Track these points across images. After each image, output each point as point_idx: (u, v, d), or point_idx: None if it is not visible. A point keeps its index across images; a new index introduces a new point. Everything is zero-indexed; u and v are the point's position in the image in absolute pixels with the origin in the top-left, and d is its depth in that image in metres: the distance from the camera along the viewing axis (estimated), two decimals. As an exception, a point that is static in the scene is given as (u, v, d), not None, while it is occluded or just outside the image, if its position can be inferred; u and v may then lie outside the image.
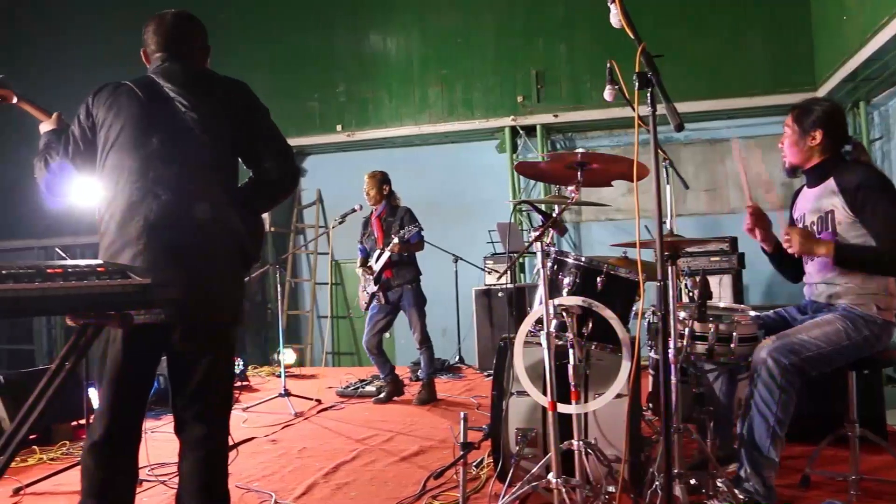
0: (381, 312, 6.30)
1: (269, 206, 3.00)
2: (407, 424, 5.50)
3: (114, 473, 2.66)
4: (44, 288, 1.99)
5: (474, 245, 8.80)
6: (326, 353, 10.59)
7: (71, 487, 4.18)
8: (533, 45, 9.83)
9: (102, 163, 2.67)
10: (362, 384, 6.93)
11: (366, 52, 10.57)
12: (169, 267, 2.51)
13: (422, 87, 10.31)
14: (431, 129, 10.13)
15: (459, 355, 8.51)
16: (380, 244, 6.23)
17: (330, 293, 10.70)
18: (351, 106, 10.48)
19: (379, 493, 3.95)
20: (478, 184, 9.96)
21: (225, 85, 2.82)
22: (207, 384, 2.69)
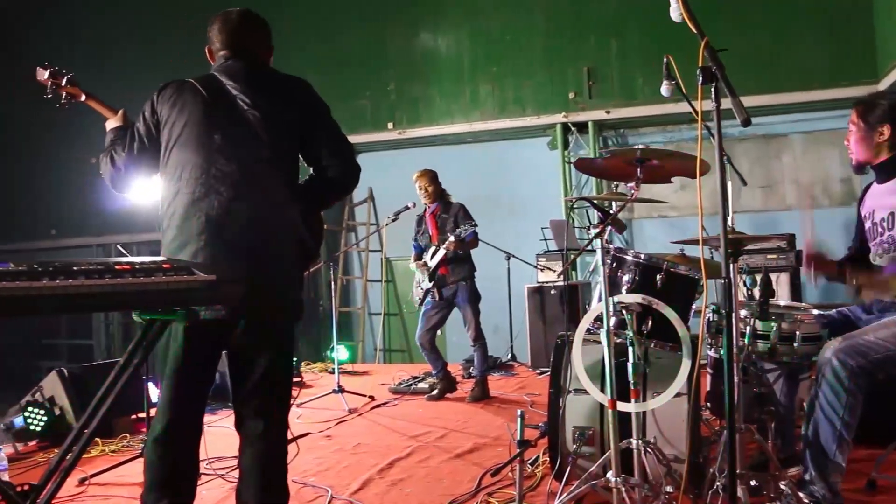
0: (434, 309, 6.32)
1: (328, 203, 3.03)
2: (460, 421, 5.51)
3: (176, 467, 2.72)
4: (113, 284, 2.03)
5: (526, 242, 8.77)
6: (378, 349, 10.65)
7: (132, 479, 4.27)
8: (584, 41, 9.74)
9: (165, 160, 2.71)
10: (415, 381, 6.95)
11: (416, 50, 10.60)
12: (229, 263, 2.55)
13: (472, 84, 10.30)
14: (483, 126, 10.12)
15: (511, 353, 8.48)
16: (434, 241, 6.25)
17: (381, 290, 10.75)
18: (402, 104, 10.51)
19: (434, 489, 3.96)
20: (529, 181, 9.91)
21: (287, 83, 2.85)
22: (267, 380, 2.73)
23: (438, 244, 6.17)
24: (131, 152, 2.77)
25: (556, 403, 3.59)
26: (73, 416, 5.26)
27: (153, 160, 2.77)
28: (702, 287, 3.29)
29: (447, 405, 6.21)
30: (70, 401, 5.28)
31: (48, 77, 3.16)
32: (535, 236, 8.79)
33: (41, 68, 3.17)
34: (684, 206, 9.00)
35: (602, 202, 3.35)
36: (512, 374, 7.74)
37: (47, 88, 3.18)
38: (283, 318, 2.77)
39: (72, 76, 3.18)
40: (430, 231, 6.31)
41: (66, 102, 3.22)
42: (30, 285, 1.91)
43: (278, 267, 2.70)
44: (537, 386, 6.89)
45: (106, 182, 2.86)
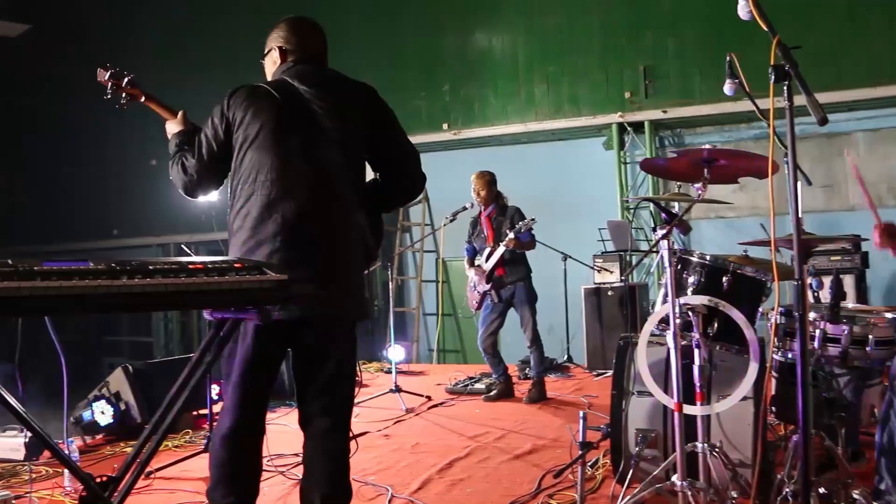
0: (494, 312, 6.31)
1: (393, 207, 3.06)
2: (518, 422, 5.49)
3: (241, 463, 2.76)
4: (188, 283, 2.08)
5: (582, 243, 8.69)
6: (431, 350, 10.68)
7: (196, 474, 4.36)
8: (640, 39, 9.63)
9: (238, 162, 2.73)
10: (471, 381, 6.95)
11: (471, 50, 10.61)
12: (303, 264, 2.57)
13: (528, 84, 10.27)
14: (538, 126, 10.08)
15: (568, 354, 8.43)
16: (490, 242, 6.24)
17: (436, 291, 10.78)
18: (456, 104, 10.53)
19: (494, 490, 3.96)
20: (585, 181, 9.84)
21: (355, 88, 2.88)
22: (335, 379, 2.76)
23: (495, 245, 6.16)
24: (201, 158, 2.79)
25: (618, 405, 3.56)
26: (138, 411, 5.37)
27: (224, 165, 2.80)
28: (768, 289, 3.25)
29: (504, 406, 6.20)
30: (135, 396, 5.40)
31: (109, 78, 3.20)
32: (591, 237, 8.71)
33: (102, 69, 3.22)
34: (742, 207, 8.84)
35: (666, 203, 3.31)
36: (568, 375, 7.70)
37: (107, 89, 3.23)
38: (352, 319, 2.80)
39: (132, 77, 3.23)
40: (485, 233, 6.31)
41: (125, 103, 3.26)
42: (110, 283, 1.96)
43: (348, 268, 2.74)
44: (594, 388, 6.84)
45: (178, 189, 2.90)
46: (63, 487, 4.15)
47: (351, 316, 2.80)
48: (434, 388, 6.96)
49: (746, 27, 2.32)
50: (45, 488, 4.15)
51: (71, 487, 4.13)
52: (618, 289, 7.84)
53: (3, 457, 4.79)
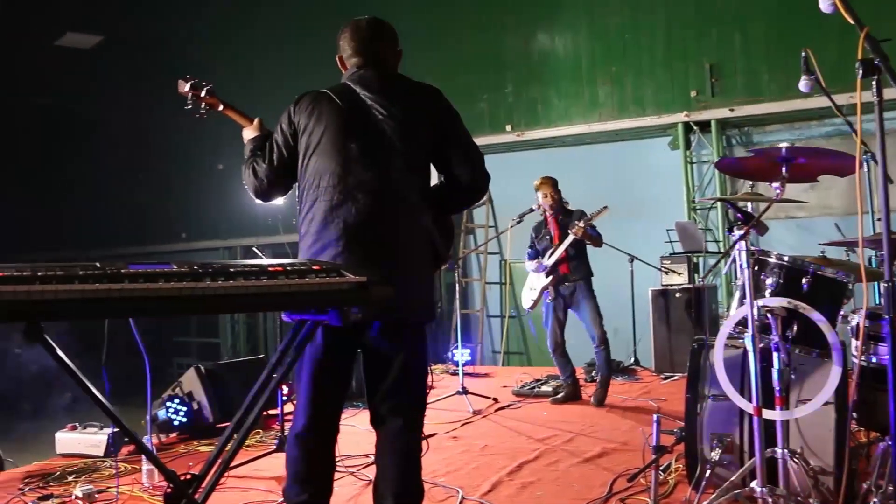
0: (556, 311, 6.27)
1: (459, 209, 3.07)
2: (586, 425, 5.44)
3: (315, 463, 2.80)
4: (269, 285, 2.11)
5: (647, 244, 8.57)
6: (496, 352, 10.67)
7: (267, 473, 4.41)
8: (706, 37, 9.47)
9: (304, 168, 2.79)
10: (538, 384, 6.91)
11: (534, 51, 10.57)
12: (367, 267, 2.59)
13: (591, 85, 10.19)
14: (601, 127, 9.99)
15: (635, 357, 8.32)
16: (556, 241, 6.20)
17: (500, 293, 10.76)
18: (520, 106, 10.50)
19: (565, 493, 3.93)
20: (650, 182, 9.71)
21: (419, 90, 2.89)
22: (404, 379, 2.78)
23: (560, 242, 6.13)
24: (272, 163, 2.86)
25: (693, 409, 3.50)
26: (210, 411, 5.49)
27: (292, 169, 2.85)
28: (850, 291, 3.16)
29: (571, 408, 6.15)
30: (207, 396, 5.51)
31: (189, 89, 3.28)
32: (657, 239, 8.58)
33: (182, 80, 3.30)
34: (813, 207, 8.61)
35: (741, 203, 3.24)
36: (635, 378, 7.59)
37: (188, 99, 3.31)
38: (420, 320, 2.82)
39: (210, 87, 3.30)
40: (552, 233, 6.26)
41: (204, 112, 3.34)
42: (194, 286, 2.00)
43: (413, 270, 2.75)
44: (662, 391, 6.75)
45: (250, 193, 2.96)
46: (141, 483, 4.25)
47: (417, 317, 2.81)
48: (500, 391, 6.94)
49: (816, 21, 2.26)
50: (124, 484, 4.25)
51: (149, 484, 4.23)
52: (685, 291, 7.71)
53: (84, 452, 4.95)
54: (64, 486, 4.33)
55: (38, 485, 4.35)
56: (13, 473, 4.62)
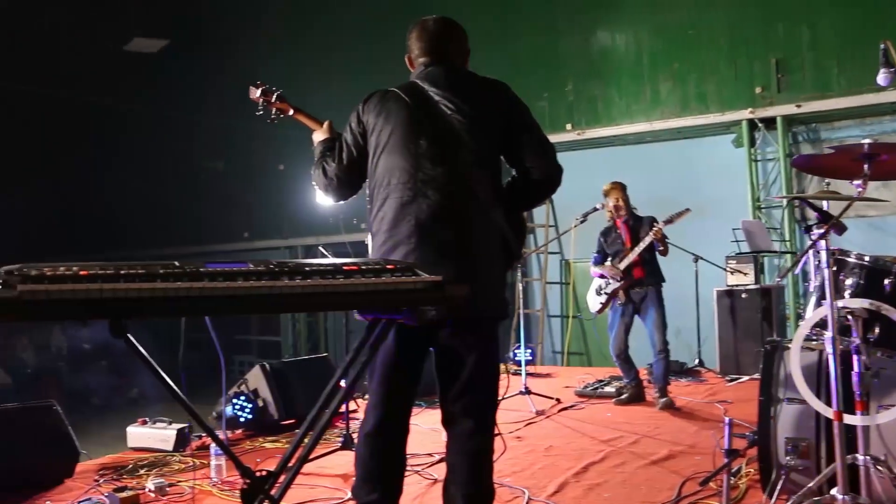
0: (625, 315, 6.20)
1: (531, 205, 3.04)
2: (652, 427, 5.36)
3: (384, 462, 2.80)
4: (345, 284, 2.12)
5: (711, 244, 8.39)
6: (556, 352, 10.59)
7: (332, 470, 4.45)
8: (772, 31, 9.22)
9: (373, 166, 2.80)
10: (601, 384, 6.84)
11: (594, 49, 10.46)
12: (439, 265, 2.59)
13: (653, 82, 10.03)
14: (663, 125, 9.84)
15: (699, 358, 8.17)
16: (628, 245, 6.13)
17: (560, 293, 10.68)
18: (580, 104, 10.41)
19: (632, 496, 3.88)
20: (713, 180, 9.51)
21: (487, 86, 2.88)
22: (476, 378, 2.77)
23: (632, 246, 6.06)
24: (341, 163, 2.87)
25: (766, 412, 3.41)
26: (275, 408, 5.56)
27: (363, 168, 2.86)
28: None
29: (635, 410, 6.07)
30: (272, 393, 5.59)
31: (260, 95, 3.33)
32: (720, 238, 8.40)
33: (253, 87, 3.34)
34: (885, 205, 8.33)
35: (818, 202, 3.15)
36: (700, 380, 7.46)
37: (259, 105, 3.36)
38: (492, 318, 2.80)
39: (281, 92, 3.34)
40: (623, 237, 6.18)
41: (275, 117, 3.39)
42: (272, 284, 2.03)
43: (485, 268, 2.73)
44: (728, 393, 6.62)
45: (321, 193, 2.98)
46: (210, 478, 4.32)
47: (490, 316, 2.80)
48: (562, 391, 6.89)
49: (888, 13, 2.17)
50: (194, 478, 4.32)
51: (217, 479, 4.30)
52: (752, 291, 7.55)
53: (154, 447, 5.06)
54: (136, 478, 4.43)
55: (112, 477, 4.47)
56: (88, 465, 4.74)
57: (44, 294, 1.87)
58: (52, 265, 1.98)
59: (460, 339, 2.73)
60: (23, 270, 1.92)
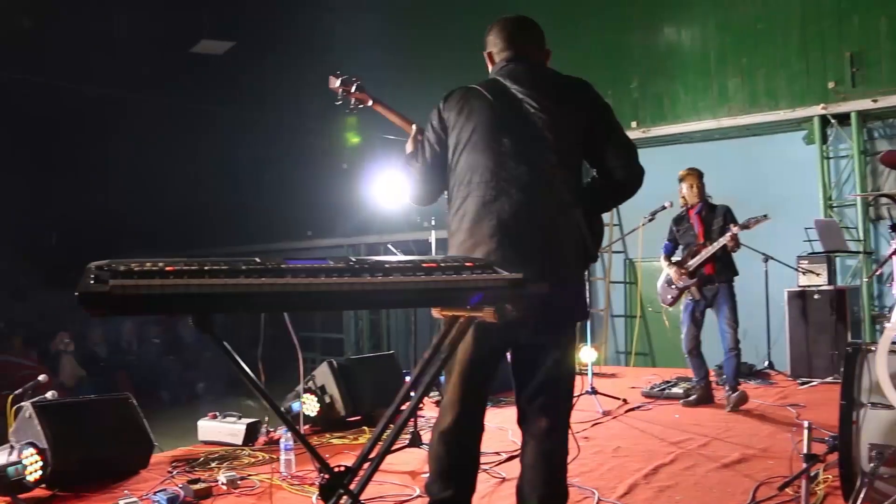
0: (695, 312, 6.09)
1: (611, 206, 3.00)
2: (722, 430, 5.26)
3: (459, 459, 2.80)
4: (426, 281, 2.11)
5: (782, 243, 8.18)
6: (620, 352, 10.48)
7: (399, 467, 4.46)
8: (846, 24, 8.96)
9: (454, 164, 2.78)
10: (668, 385, 6.74)
11: (660, 45, 10.33)
12: (520, 264, 2.57)
13: (720, 78, 9.85)
14: (731, 122, 9.66)
15: (769, 360, 7.99)
16: (700, 239, 6.02)
17: (624, 292, 10.56)
18: (645, 101, 10.28)
19: (705, 499, 3.81)
20: (783, 179, 9.29)
21: (570, 84, 2.85)
22: (553, 378, 2.75)
23: (706, 241, 5.95)
24: (425, 162, 2.86)
25: (848, 417, 3.31)
26: (342, 404, 5.60)
27: (445, 166, 2.84)
28: None
29: (704, 412, 5.96)
30: (339, 390, 5.63)
31: (339, 85, 3.36)
32: (791, 237, 8.19)
33: (333, 77, 3.38)
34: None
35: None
36: (769, 382, 7.30)
37: (338, 95, 3.38)
38: (571, 318, 2.78)
39: (360, 83, 3.36)
40: (695, 229, 6.08)
41: (354, 108, 3.41)
42: (354, 281, 2.04)
43: (565, 268, 2.71)
44: (800, 396, 6.47)
45: (407, 195, 2.98)
46: (279, 472, 4.38)
47: (570, 316, 2.78)
48: (628, 391, 6.81)
49: None
50: (263, 472, 4.39)
51: (287, 473, 4.36)
52: (825, 292, 7.35)
53: (224, 440, 5.15)
54: (208, 471, 4.50)
55: (184, 469, 4.55)
56: (161, 457, 4.84)
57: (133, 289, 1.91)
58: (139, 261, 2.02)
59: (539, 338, 2.71)
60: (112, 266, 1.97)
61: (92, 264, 1.96)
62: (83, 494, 4.05)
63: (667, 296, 6.29)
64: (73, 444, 4.20)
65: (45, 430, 4.12)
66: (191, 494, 3.92)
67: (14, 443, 4.13)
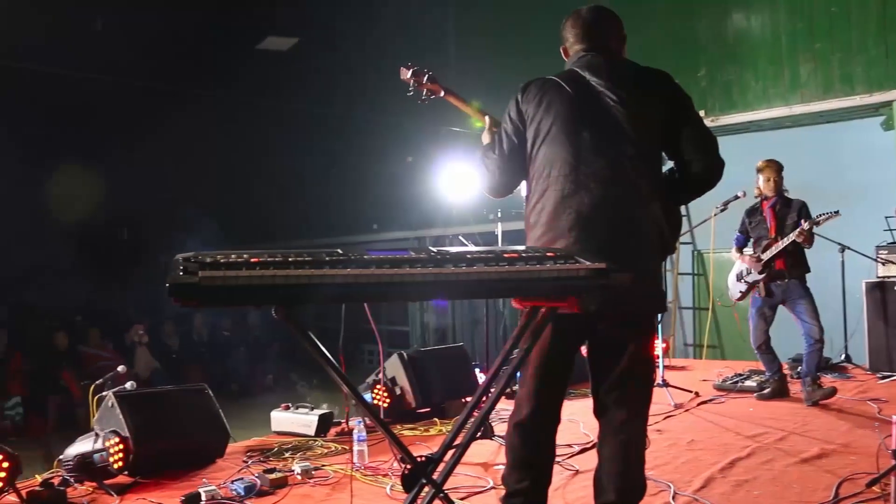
0: (765, 307, 5.95)
1: (690, 198, 2.96)
2: (799, 424, 5.13)
3: (537, 452, 2.81)
4: (509, 272, 2.11)
5: (859, 233, 7.91)
6: (688, 344, 10.31)
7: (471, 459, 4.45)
8: (931, 3, 8.63)
9: (532, 157, 2.76)
10: (741, 378, 6.60)
11: (728, 32, 10.06)
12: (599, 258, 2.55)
13: (792, 64, 9.55)
14: (804, 109, 9.35)
15: (846, 353, 7.76)
16: (772, 233, 5.88)
17: (692, 284, 10.38)
18: (713, 90, 10.05)
19: (784, 495, 3.73)
20: (860, 166, 8.97)
21: (649, 76, 2.82)
22: (631, 370, 2.73)
23: (778, 236, 5.81)
24: (502, 154, 2.84)
25: (938, 411, 3.20)
26: (412, 396, 5.64)
27: (522, 159, 2.82)
28: None
29: (779, 406, 5.83)
30: (409, 381, 5.67)
31: (411, 76, 3.38)
32: (869, 227, 7.94)
33: (404, 68, 3.40)
34: None
35: None
36: (846, 376, 7.10)
37: (409, 86, 3.40)
38: (650, 311, 2.76)
39: (432, 74, 3.38)
40: (768, 223, 5.93)
41: (426, 99, 3.42)
42: (438, 271, 2.05)
43: (644, 261, 2.69)
44: (880, 391, 6.29)
45: (483, 188, 2.97)
46: (353, 463, 4.42)
47: (649, 308, 2.76)
48: (699, 384, 6.70)
49: None
50: (337, 463, 4.44)
51: (359, 464, 4.40)
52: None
53: (297, 431, 5.23)
54: (282, 461, 4.58)
55: (258, 459, 4.63)
56: (235, 447, 4.94)
57: (221, 280, 1.94)
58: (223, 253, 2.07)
59: (618, 330, 2.70)
60: (198, 257, 2.01)
61: (179, 256, 2.01)
62: (163, 482, 4.15)
63: (736, 291, 6.17)
64: (154, 432, 4.31)
65: (126, 419, 4.24)
66: (267, 484, 3.98)
67: (98, 430, 4.26)
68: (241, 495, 3.85)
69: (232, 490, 3.91)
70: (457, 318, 13.22)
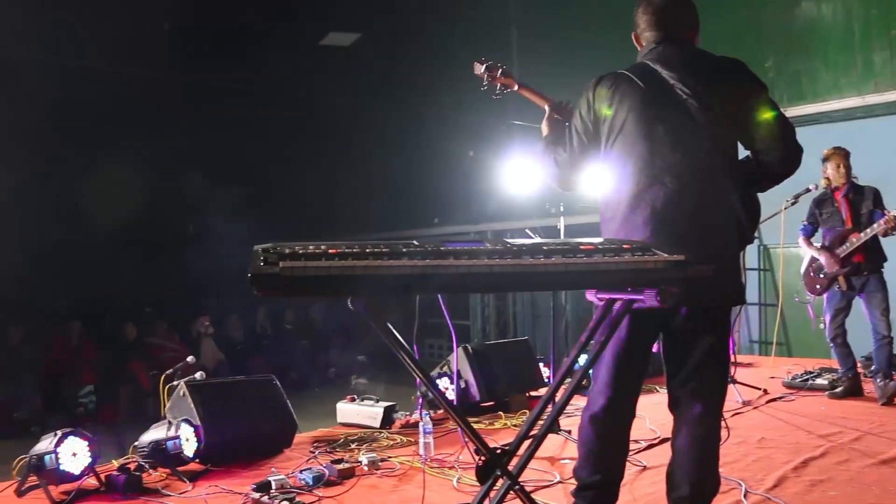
0: (842, 300, 5.80)
1: (767, 188, 2.90)
2: (874, 424, 4.99)
3: (610, 445, 2.80)
4: (587, 263, 2.10)
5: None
6: (752, 341, 10.11)
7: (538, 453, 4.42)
8: None
9: (607, 152, 2.74)
10: (811, 376, 6.44)
11: (796, 21, 9.80)
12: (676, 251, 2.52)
13: (864, 52, 9.26)
14: (878, 98, 9.07)
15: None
16: (848, 223, 5.72)
17: (758, 279, 10.16)
18: (781, 81, 9.81)
19: (862, 497, 3.64)
20: (937, 158, 8.69)
21: (722, 66, 2.78)
22: (706, 363, 2.71)
23: (855, 226, 5.65)
24: (572, 150, 2.84)
25: None
26: (476, 389, 5.64)
27: (592, 155, 2.82)
28: None
29: (852, 404, 5.68)
30: (474, 375, 5.68)
31: (484, 70, 3.38)
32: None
33: (478, 63, 3.40)
34: None
35: None
36: (922, 374, 6.87)
37: (483, 81, 3.40)
38: (727, 304, 2.72)
39: (505, 68, 3.37)
40: (842, 214, 5.77)
41: (500, 93, 3.42)
42: (516, 263, 2.04)
43: (722, 254, 2.65)
44: (961, 390, 6.06)
45: (550, 182, 2.97)
46: (419, 455, 4.45)
47: (726, 301, 2.72)
48: (767, 381, 6.55)
49: None
50: (403, 455, 4.47)
51: (425, 456, 4.41)
52: None
53: (362, 423, 5.28)
54: (348, 452, 4.63)
55: (325, 449, 4.69)
56: (302, 437, 5.01)
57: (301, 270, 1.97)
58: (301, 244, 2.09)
59: (694, 323, 2.67)
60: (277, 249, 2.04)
61: (258, 247, 2.04)
62: (233, 470, 4.23)
63: (815, 285, 6.00)
64: (224, 421, 4.41)
65: (197, 408, 4.34)
66: (335, 474, 4.03)
67: (170, 419, 4.37)
68: (310, 485, 3.90)
69: (301, 479, 3.97)
70: (517, 313, 13.18)
